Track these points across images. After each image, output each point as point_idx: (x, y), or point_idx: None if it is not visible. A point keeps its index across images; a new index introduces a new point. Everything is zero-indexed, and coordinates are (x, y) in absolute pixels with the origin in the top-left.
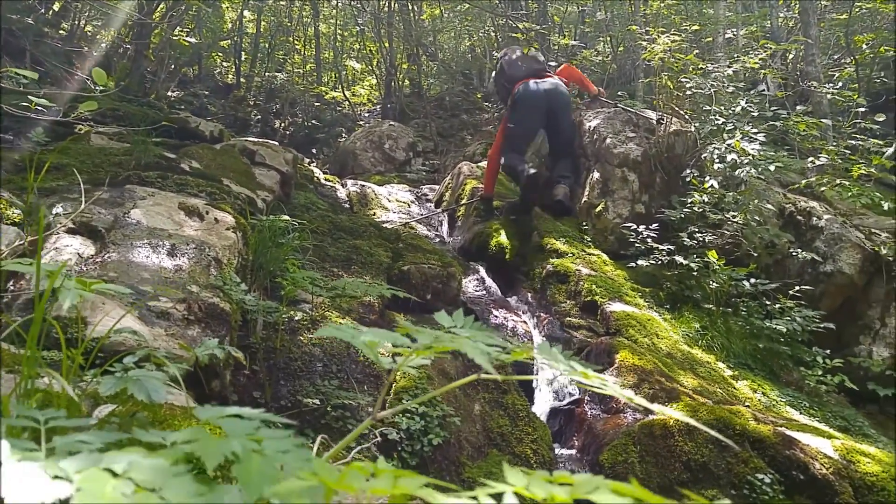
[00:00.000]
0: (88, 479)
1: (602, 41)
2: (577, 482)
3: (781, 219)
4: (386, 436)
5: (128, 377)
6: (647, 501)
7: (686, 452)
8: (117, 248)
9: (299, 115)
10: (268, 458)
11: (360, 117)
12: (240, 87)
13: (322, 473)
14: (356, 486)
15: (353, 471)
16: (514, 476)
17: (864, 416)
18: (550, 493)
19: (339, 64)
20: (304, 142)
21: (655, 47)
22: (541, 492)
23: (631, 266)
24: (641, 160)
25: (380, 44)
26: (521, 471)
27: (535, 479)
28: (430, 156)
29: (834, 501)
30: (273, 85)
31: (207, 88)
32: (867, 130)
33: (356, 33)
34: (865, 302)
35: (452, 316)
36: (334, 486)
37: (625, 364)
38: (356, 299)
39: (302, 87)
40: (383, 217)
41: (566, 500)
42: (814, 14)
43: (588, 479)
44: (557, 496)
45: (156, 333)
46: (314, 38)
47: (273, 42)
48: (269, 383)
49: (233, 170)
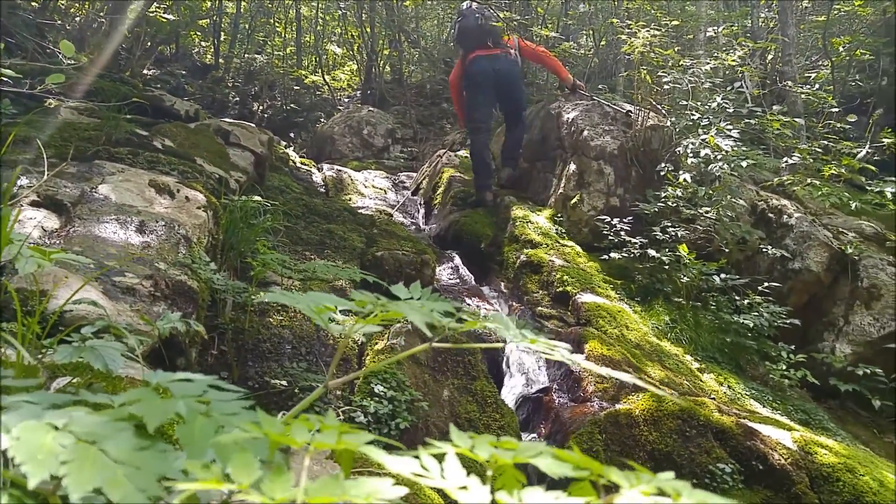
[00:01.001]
0: (27, 430)
1: (585, 34)
2: (521, 447)
3: (754, 216)
4: (354, 419)
5: (85, 347)
6: (587, 467)
7: (651, 442)
8: (83, 223)
9: (278, 98)
10: (213, 419)
11: (340, 102)
12: (218, 68)
13: (266, 426)
14: (300, 439)
15: (298, 424)
16: (460, 438)
17: (824, 411)
18: (493, 456)
19: (319, 48)
20: (283, 125)
21: (635, 41)
22: (484, 454)
23: (604, 258)
24: (618, 153)
25: (361, 29)
26: (468, 434)
27: (479, 441)
28: (409, 143)
29: (791, 491)
30: (252, 67)
31: (185, 68)
32: (841, 132)
33: (338, 17)
34: (831, 299)
35: (410, 288)
36: (278, 439)
37: (593, 354)
38: (327, 283)
39: (281, 70)
40: (359, 203)
41: (507, 462)
42: (792, 14)
43: (532, 445)
44: (500, 458)
45: (120, 309)
46: (295, 20)
47: (253, 23)
48: (237, 364)
49: (206, 149)
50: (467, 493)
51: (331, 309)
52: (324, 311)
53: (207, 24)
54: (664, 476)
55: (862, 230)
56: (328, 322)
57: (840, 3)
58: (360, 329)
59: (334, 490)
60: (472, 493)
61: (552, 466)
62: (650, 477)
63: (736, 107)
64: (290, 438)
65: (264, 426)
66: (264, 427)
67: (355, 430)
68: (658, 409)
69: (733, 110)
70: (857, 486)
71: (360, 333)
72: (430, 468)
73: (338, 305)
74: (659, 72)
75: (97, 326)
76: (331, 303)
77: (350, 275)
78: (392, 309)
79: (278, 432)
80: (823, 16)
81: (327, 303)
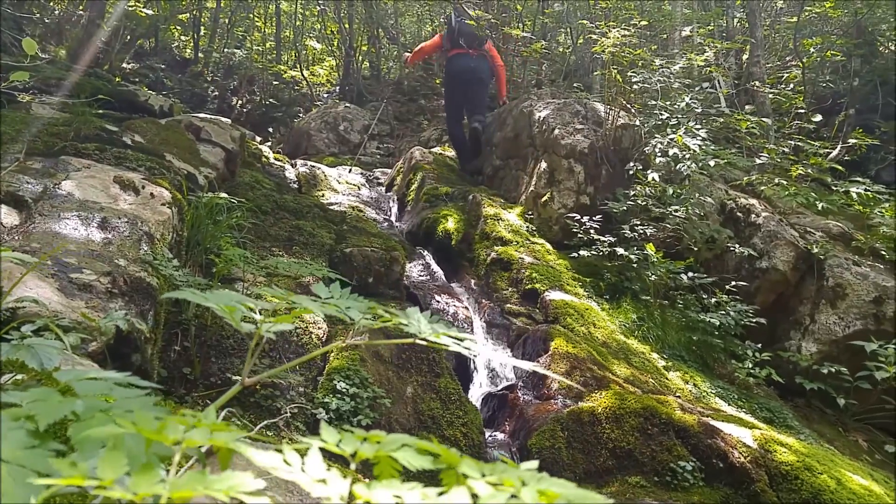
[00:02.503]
0: None
1: (564, 31)
2: (386, 441)
3: (723, 214)
4: (315, 416)
5: (22, 345)
6: (445, 456)
7: (613, 439)
8: (44, 219)
9: (257, 93)
10: (111, 416)
11: (319, 98)
12: (197, 62)
13: (141, 423)
14: (172, 437)
15: (172, 422)
16: (328, 433)
17: (790, 409)
18: (357, 450)
19: (299, 43)
20: (262, 120)
21: (605, 41)
22: (349, 448)
23: (574, 256)
24: (588, 152)
25: (340, 25)
26: (338, 429)
27: (347, 436)
28: (385, 139)
29: (751, 489)
30: (231, 61)
31: (164, 62)
32: (814, 132)
33: (317, 13)
34: (798, 298)
35: (330, 288)
36: (150, 436)
37: (559, 351)
38: (294, 279)
39: (261, 64)
40: (332, 199)
41: (369, 456)
42: (760, 16)
43: (397, 439)
44: (363, 452)
45: (75, 305)
46: (275, 15)
47: (233, 18)
48: (200, 360)
49: (177, 145)
50: (324, 487)
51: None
52: (234, 309)
53: (187, 19)
54: (527, 465)
55: (829, 229)
56: (239, 321)
57: (811, 6)
58: (272, 327)
59: (198, 485)
60: (330, 486)
61: (411, 459)
62: (513, 469)
63: (705, 107)
64: (163, 435)
65: (139, 423)
66: (139, 424)
67: (227, 428)
68: (621, 406)
69: (702, 110)
70: (815, 484)
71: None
72: (293, 462)
73: (244, 303)
74: (629, 72)
75: (38, 324)
76: (239, 301)
77: (312, 271)
78: (300, 305)
79: (152, 430)
80: (795, 17)
81: (236, 302)
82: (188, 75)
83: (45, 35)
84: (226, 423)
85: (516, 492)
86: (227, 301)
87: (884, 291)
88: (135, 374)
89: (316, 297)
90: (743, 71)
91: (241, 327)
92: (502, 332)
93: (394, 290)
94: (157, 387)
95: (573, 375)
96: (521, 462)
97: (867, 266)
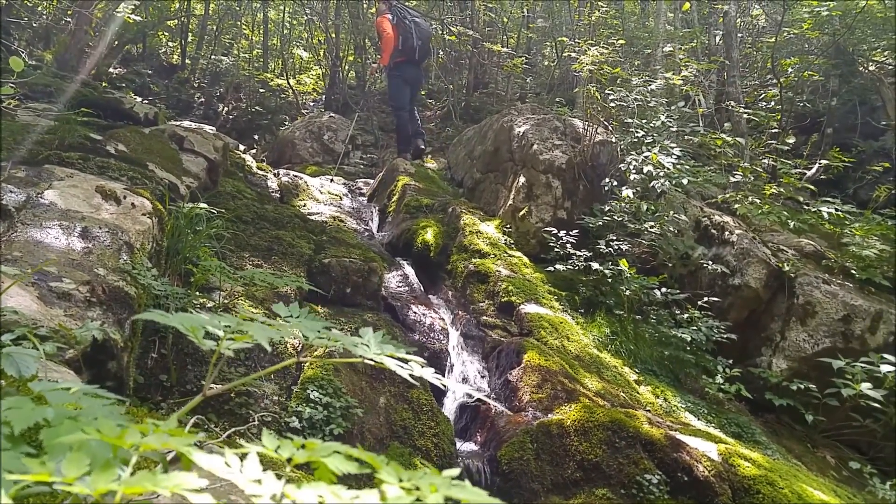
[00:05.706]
0: None
1: (549, 45)
2: (319, 447)
3: (697, 231)
4: (289, 424)
5: (1, 353)
6: (370, 462)
7: (581, 452)
8: (26, 228)
9: (243, 100)
10: (79, 423)
11: (305, 106)
12: (184, 69)
13: (105, 430)
14: (130, 441)
15: (132, 428)
16: (269, 439)
17: (759, 424)
18: (293, 455)
19: (286, 51)
20: (247, 128)
21: (584, 59)
22: (286, 453)
23: (550, 269)
24: (566, 167)
25: (327, 34)
26: (277, 437)
27: (285, 443)
28: (369, 149)
29: (714, 502)
30: (218, 68)
31: (151, 67)
32: (792, 151)
33: (305, 22)
34: (769, 315)
35: (289, 308)
36: (111, 441)
37: (531, 364)
38: (272, 289)
39: (247, 72)
40: (313, 209)
41: (303, 461)
42: (736, 38)
43: (328, 446)
44: (297, 458)
45: (53, 314)
46: (262, 23)
47: (221, 25)
48: (176, 367)
49: (160, 155)
50: (258, 486)
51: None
52: (196, 329)
53: (175, 25)
54: (448, 473)
55: (802, 248)
56: (202, 339)
57: (789, 27)
58: (231, 345)
59: (147, 482)
60: (264, 485)
61: (340, 465)
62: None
63: (682, 125)
64: (122, 440)
65: (103, 430)
66: (103, 431)
67: (181, 433)
68: (589, 419)
69: (677, 129)
70: (776, 498)
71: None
72: (233, 465)
73: (204, 325)
74: (606, 89)
75: (16, 333)
76: (198, 323)
77: (287, 282)
78: (247, 330)
79: (114, 436)
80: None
81: (196, 323)
82: (175, 81)
83: (32, 39)
84: (182, 430)
85: (422, 496)
86: (191, 322)
87: (852, 310)
88: (111, 381)
89: (276, 315)
90: (724, 90)
91: (203, 344)
92: (477, 344)
93: (371, 300)
94: (120, 398)
95: (544, 388)
96: (491, 473)
97: (836, 285)
